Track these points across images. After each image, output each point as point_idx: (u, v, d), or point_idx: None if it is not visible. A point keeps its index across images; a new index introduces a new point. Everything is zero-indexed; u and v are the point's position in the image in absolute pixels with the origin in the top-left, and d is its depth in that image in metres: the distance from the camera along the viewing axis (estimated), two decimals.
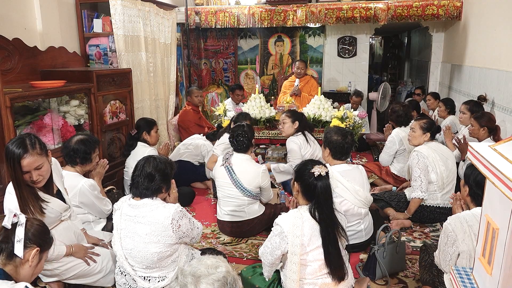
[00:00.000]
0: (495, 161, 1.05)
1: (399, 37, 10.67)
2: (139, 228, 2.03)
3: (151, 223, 2.01)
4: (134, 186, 2.10)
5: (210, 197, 4.04)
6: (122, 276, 2.15)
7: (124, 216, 2.08)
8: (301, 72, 5.43)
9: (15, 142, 1.97)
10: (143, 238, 2.02)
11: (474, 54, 4.76)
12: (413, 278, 2.58)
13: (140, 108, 4.59)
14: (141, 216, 2.04)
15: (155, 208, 2.04)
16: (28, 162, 1.96)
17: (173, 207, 2.05)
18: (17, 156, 1.94)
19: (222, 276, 1.20)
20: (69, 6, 4.07)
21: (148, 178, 2.06)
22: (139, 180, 2.07)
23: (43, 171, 2.04)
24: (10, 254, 1.53)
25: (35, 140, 2.03)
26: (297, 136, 3.81)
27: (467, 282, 1.34)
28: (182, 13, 5.80)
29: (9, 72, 3.21)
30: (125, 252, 2.08)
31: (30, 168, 1.98)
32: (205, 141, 4.38)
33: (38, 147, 2.01)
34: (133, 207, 2.07)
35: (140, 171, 2.08)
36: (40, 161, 2.01)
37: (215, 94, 6.69)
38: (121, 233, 2.08)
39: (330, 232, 1.97)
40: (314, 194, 2.00)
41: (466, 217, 1.90)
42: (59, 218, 2.23)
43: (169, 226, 2.00)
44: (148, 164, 2.09)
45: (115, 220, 2.13)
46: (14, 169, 1.95)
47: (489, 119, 3.41)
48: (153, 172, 2.07)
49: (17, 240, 1.53)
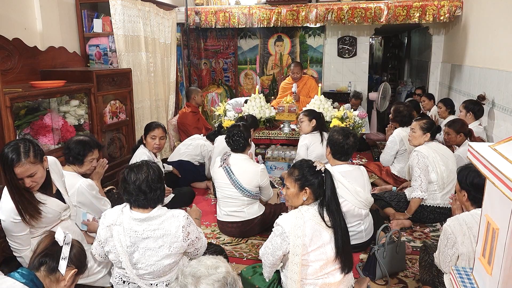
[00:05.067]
0: (495, 161, 1.05)
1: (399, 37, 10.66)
2: (149, 242, 1.91)
3: (162, 235, 1.91)
4: (131, 199, 1.92)
5: (210, 197, 4.04)
6: (124, 285, 2.06)
7: (129, 232, 1.91)
8: (297, 76, 5.42)
9: (11, 148, 1.96)
10: (156, 252, 1.92)
11: (474, 54, 4.76)
12: (413, 278, 2.58)
13: (140, 108, 4.59)
14: (151, 230, 1.91)
15: (165, 219, 1.93)
16: (21, 170, 1.96)
17: (181, 214, 1.96)
18: (10, 163, 1.94)
19: (222, 277, 1.20)
20: (69, 6, 4.07)
21: (148, 187, 1.89)
22: (138, 193, 1.89)
23: (36, 178, 2.03)
24: (51, 268, 1.62)
25: (30, 146, 2.00)
26: (314, 134, 3.87)
27: (467, 282, 1.34)
28: (182, 13, 5.80)
29: (9, 72, 3.21)
30: (135, 267, 1.96)
31: (23, 176, 1.98)
32: (206, 141, 4.38)
33: (32, 155, 1.98)
34: (140, 221, 1.91)
35: (135, 183, 1.89)
36: (33, 169, 1.98)
37: (215, 94, 6.68)
38: (127, 250, 1.93)
39: (342, 221, 2.00)
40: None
41: (465, 218, 1.89)
42: (59, 218, 2.24)
43: (180, 235, 1.93)
44: (141, 174, 1.90)
45: (115, 236, 1.93)
46: (9, 174, 1.95)
47: (462, 124, 3.53)
48: (154, 184, 1.91)
49: (62, 257, 1.63)
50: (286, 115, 4.71)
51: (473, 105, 3.98)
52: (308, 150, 3.87)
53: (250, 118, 4.04)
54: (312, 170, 2.04)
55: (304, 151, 3.87)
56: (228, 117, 4.77)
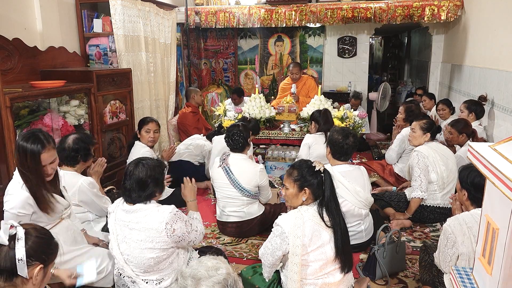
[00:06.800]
0: (495, 161, 1.05)
1: (399, 37, 10.66)
2: (133, 234, 1.99)
3: (145, 229, 1.97)
4: (125, 194, 2.02)
5: (210, 197, 4.04)
6: (120, 277, 2.14)
7: (118, 222, 2.05)
8: (296, 77, 5.41)
9: (31, 138, 1.97)
10: (138, 244, 1.98)
11: (474, 54, 4.76)
12: (413, 278, 2.58)
13: (140, 108, 4.59)
14: (135, 222, 1.99)
15: (149, 214, 1.99)
16: (47, 156, 2.00)
17: (167, 210, 1.99)
18: (37, 151, 1.96)
19: (222, 279, 1.18)
20: (69, 6, 4.07)
21: (139, 185, 1.98)
22: (130, 188, 1.99)
23: (55, 164, 2.10)
24: (8, 277, 1.37)
25: (47, 134, 2.07)
26: (318, 134, 3.90)
27: (467, 282, 1.34)
28: (182, 13, 5.80)
29: (9, 72, 3.21)
30: (124, 257, 2.05)
31: (47, 163, 2.01)
32: (206, 141, 4.38)
33: (51, 141, 2.05)
34: (127, 212, 2.02)
35: (130, 179, 1.99)
36: (55, 154, 2.07)
37: (215, 94, 6.69)
38: (117, 238, 2.05)
39: (341, 220, 2.00)
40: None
41: (465, 218, 1.89)
42: (60, 216, 2.24)
43: (163, 231, 1.96)
44: (137, 171, 2.00)
45: (110, 224, 2.09)
46: (36, 164, 1.96)
47: (465, 125, 3.51)
48: (144, 179, 1.98)
49: (18, 259, 1.36)
50: (286, 115, 4.70)
51: (475, 105, 3.99)
52: (310, 150, 3.87)
53: (254, 122, 4.03)
54: (311, 171, 2.04)
55: (306, 150, 3.88)
56: (228, 117, 4.76)
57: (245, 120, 3.98)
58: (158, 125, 3.65)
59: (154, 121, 3.60)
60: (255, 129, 3.96)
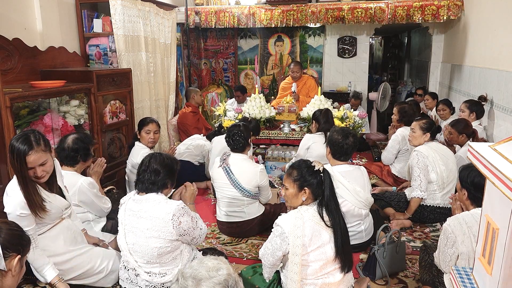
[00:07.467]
0: (495, 161, 1.05)
1: (399, 37, 10.66)
2: (141, 222, 2.05)
3: (152, 217, 2.03)
4: (140, 181, 2.12)
5: (210, 197, 4.04)
6: (125, 270, 2.17)
7: (128, 211, 2.11)
8: (296, 76, 5.41)
9: (20, 139, 1.98)
10: (144, 233, 2.04)
11: (474, 54, 4.76)
12: (413, 278, 2.58)
13: (140, 108, 4.59)
14: (144, 211, 2.06)
15: (158, 203, 2.06)
16: (34, 158, 1.99)
17: (175, 203, 2.07)
18: (23, 152, 1.95)
19: (223, 279, 1.17)
20: (69, 6, 4.07)
21: (154, 173, 2.09)
22: (145, 175, 2.09)
23: (47, 167, 2.08)
24: None
25: (40, 136, 2.05)
26: (318, 134, 3.89)
27: (467, 282, 1.34)
28: (182, 13, 5.80)
29: (9, 72, 3.21)
30: (129, 247, 2.10)
31: (35, 165, 2.00)
32: (206, 141, 4.38)
33: (42, 144, 2.03)
34: (137, 202, 2.09)
35: (147, 166, 2.10)
36: (44, 157, 2.04)
37: (215, 94, 6.68)
38: (125, 228, 2.11)
39: (340, 218, 2.00)
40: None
41: (465, 218, 1.90)
42: (61, 216, 2.24)
43: (169, 222, 2.01)
44: (155, 159, 2.12)
45: (120, 215, 2.16)
46: (20, 165, 1.96)
47: (466, 125, 3.51)
48: (159, 167, 2.10)
49: None
50: (286, 115, 4.70)
51: (476, 105, 3.99)
52: (309, 150, 3.87)
53: (255, 123, 4.03)
54: (311, 170, 2.04)
55: (304, 150, 3.88)
56: (228, 117, 4.76)
57: (246, 120, 3.98)
58: (158, 126, 3.63)
59: (154, 122, 3.58)
60: (256, 129, 3.96)
